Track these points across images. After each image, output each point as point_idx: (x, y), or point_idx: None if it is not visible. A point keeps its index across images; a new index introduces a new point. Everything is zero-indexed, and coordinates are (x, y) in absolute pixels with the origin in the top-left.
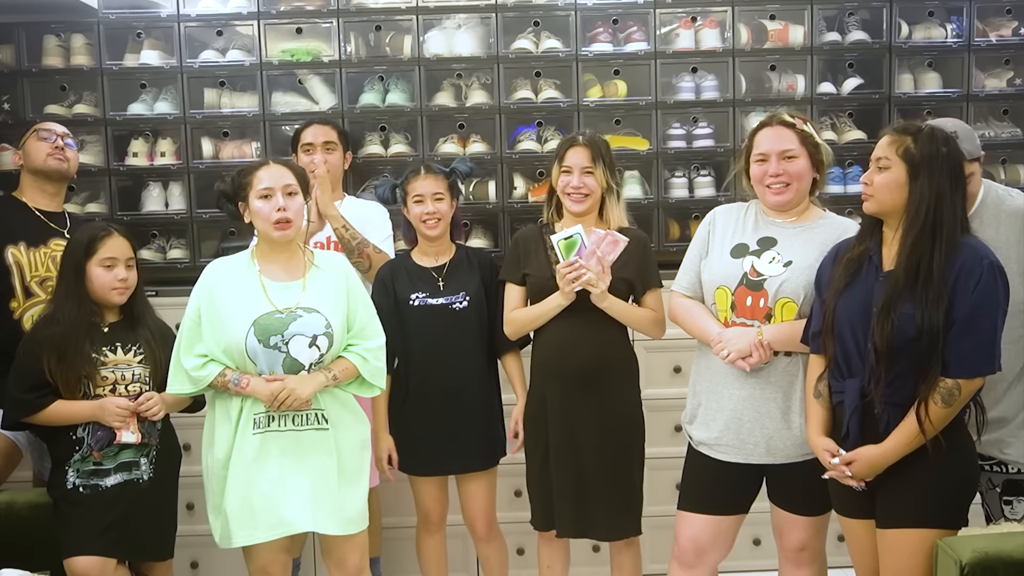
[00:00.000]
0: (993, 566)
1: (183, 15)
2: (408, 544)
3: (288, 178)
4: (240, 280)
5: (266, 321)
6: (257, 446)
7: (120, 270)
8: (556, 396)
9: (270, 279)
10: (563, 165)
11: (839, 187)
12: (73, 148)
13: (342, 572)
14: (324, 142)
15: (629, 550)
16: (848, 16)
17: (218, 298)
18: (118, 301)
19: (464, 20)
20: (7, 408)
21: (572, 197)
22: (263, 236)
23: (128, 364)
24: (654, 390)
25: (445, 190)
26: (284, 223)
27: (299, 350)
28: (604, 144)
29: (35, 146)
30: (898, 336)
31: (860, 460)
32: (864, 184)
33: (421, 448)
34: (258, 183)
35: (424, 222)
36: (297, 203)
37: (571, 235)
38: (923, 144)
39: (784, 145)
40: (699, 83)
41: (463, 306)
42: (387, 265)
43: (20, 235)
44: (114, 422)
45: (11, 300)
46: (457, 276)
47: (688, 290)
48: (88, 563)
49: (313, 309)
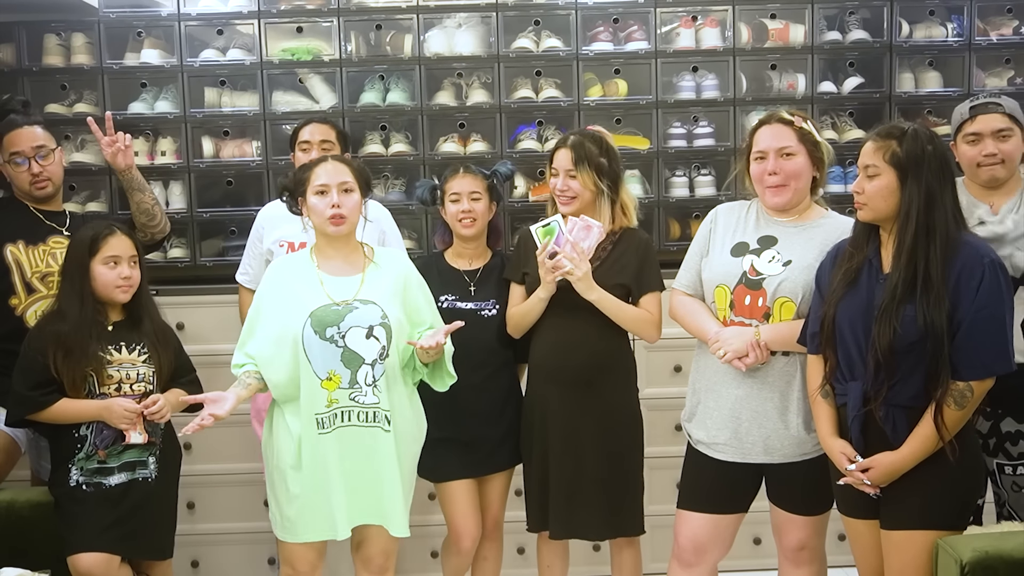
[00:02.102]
0: (994, 565)
1: (183, 14)
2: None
3: (345, 175)
4: (299, 275)
5: (323, 313)
6: (323, 446)
7: (124, 268)
8: (553, 397)
9: (328, 273)
10: (552, 167)
11: (839, 186)
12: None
13: (368, 568)
14: (321, 141)
15: (630, 549)
16: (849, 15)
17: (279, 292)
18: (122, 299)
19: (465, 19)
20: (11, 404)
21: (560, 199)
22: (320, 231)
23: (132, 363)
24: (654, 389)
25: (483, 190)
26: (338, 219)
27: (356, 342)
28: (598, 144)
29: (15, 174)
30: (900, 339)
31: (878, 467)
32: (856, 193)
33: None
34: (315, 179)
35: (460, 220)
36: (353, 200)
37: (549, 223)
38: (908, 146)
39: (781, 142)
40: (700, 82)
41: (492, 314)
42: (419, 263)
43: (18, 234)
44: (121, 424)
45: (11, 297)
46: (489, 283)
47: (688, 288)
48: (93, 560)
49: (370, 301)
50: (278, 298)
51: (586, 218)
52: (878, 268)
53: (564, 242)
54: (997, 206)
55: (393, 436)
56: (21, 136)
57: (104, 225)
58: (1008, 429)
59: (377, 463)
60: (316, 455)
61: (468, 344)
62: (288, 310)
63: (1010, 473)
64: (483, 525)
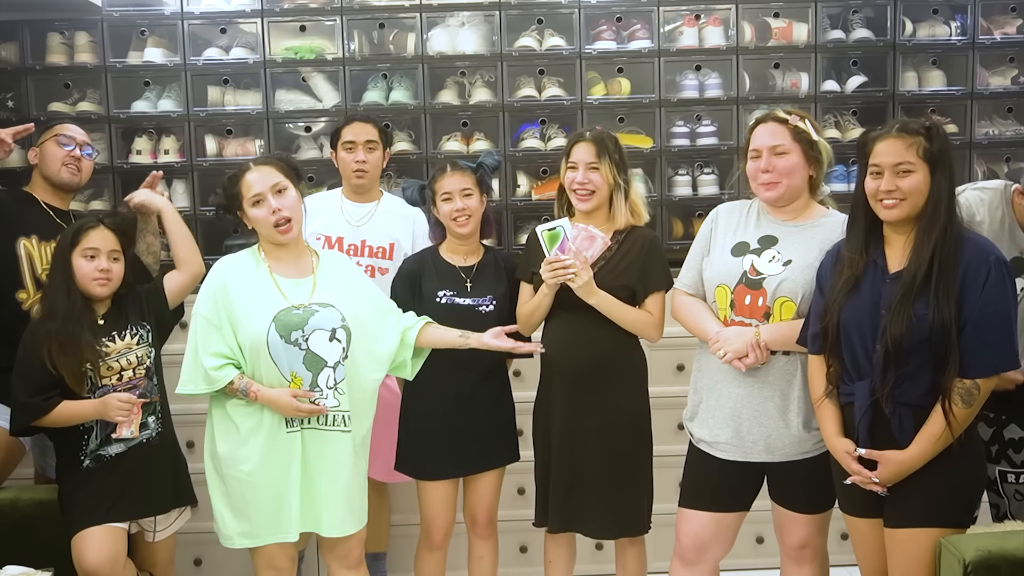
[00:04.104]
0: (996, 564)
1: (187, 13)
2: (412, 541)
3: (274, 176)
4: (252, 277)
5: (286, 317)
6: (288, 445)
7: (102, 261)
8: (559, 393)
9: (281, 276)
10: (569, 161)
11: (843, 185)
12: (90, 156)
13: (345, 565)
14: (366, 141)
15: (634, 548)
16: (852, 14)
17: (233, 295)
18: (99, 292)
19: (468, 18)
20: (14, 412)
21: (578, 194)
22: (269, 240)
23: (129, 348)
24: (657, 388)
25: (474, 185)
26: (285, 223)
27: (320, 345)
28: (613, 140)
29: (52, 152)
30: (911, 335)
31: (887, 466)
32: (888, 191)
33: (433, 449)
34: (247, 191)
35: (455, 219)
36: (291, 198)
37: (554, 227)
38: (938, 142)
39: (775, 140)
40: (703, 81)
41: (489, 310)
42: (413, 258)
43: (32, 228)
44: (118, 417)
45: (20, 291)
46: (485, 278)
47: (690, 287)
48: (96, 535)
49: (328, 304)
50: (234, 301)
51: (591, 228)
52: (883, 268)
53: (567, 249)
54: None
55: (352, 437)
56: (74, 129)
57: (91, 218)
58: (1012, 436)
59: (334, 467)
60: (278, 453)
61: None
62: (248, 314)
63: (1013, 481)
64: (476, 524)
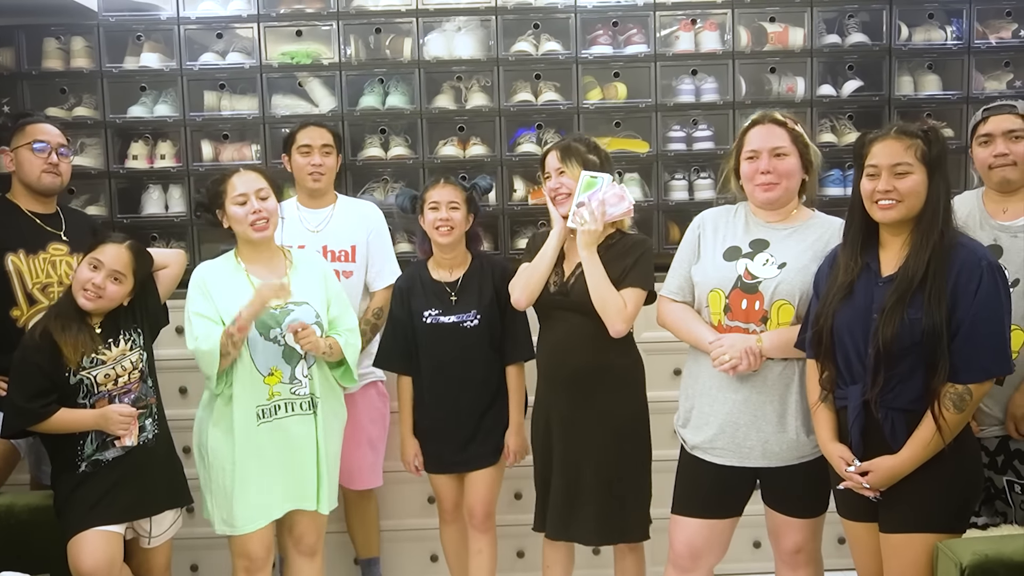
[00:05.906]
0: (993, 568)
1: (183, 18)
2: (407, 545)
3: (260, 182)
4: (230, 279)
5: (264, 316)
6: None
7: (99, 276)
8: (555, 400)
9: (257, 277)
10: (544, 172)
11: (839, 189)
12: (68, 155)
13: (299, 548)
14: (322, 145)
15: (632, 555)
16: (848, 18)
17: (213, 296)
18: (82, 303)
19: (464, 22)
20: (9, 415)
21: (556, 199)
22: (243, 238)
23: (123, 354)
24: (654, 393)
25: (462, 201)
26: (262, 222)
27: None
28: (585, 145)
29: (28, 160)
30: (902, 338)
31: (878, 471)
32: (884, 193)
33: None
34: (233, 190)
35: (437, 228)
36: (271, 204)
37: (597, 176)
38: (937, 146)
39: (775, 142)
40: (699, 85)
41: (474, 324)
42: (404, 277)
43: (18, 242)
44: (118, 430)
45: (13, 308)
46: (470, 291)
47: (676, 294)
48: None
49: (303, 302)
50: (215, 302)
51: (624, 189)
52: (876, 271)
53: (596, 198)
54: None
55: (321, 418)
56: (47, 129)
57: (118, 236)
58: (1018, 447)
59: (305, 447)
60: (252, 445)
61: (452, 356)
62: (227, 313)
63: (1020, 492)
64: (473, 517)
